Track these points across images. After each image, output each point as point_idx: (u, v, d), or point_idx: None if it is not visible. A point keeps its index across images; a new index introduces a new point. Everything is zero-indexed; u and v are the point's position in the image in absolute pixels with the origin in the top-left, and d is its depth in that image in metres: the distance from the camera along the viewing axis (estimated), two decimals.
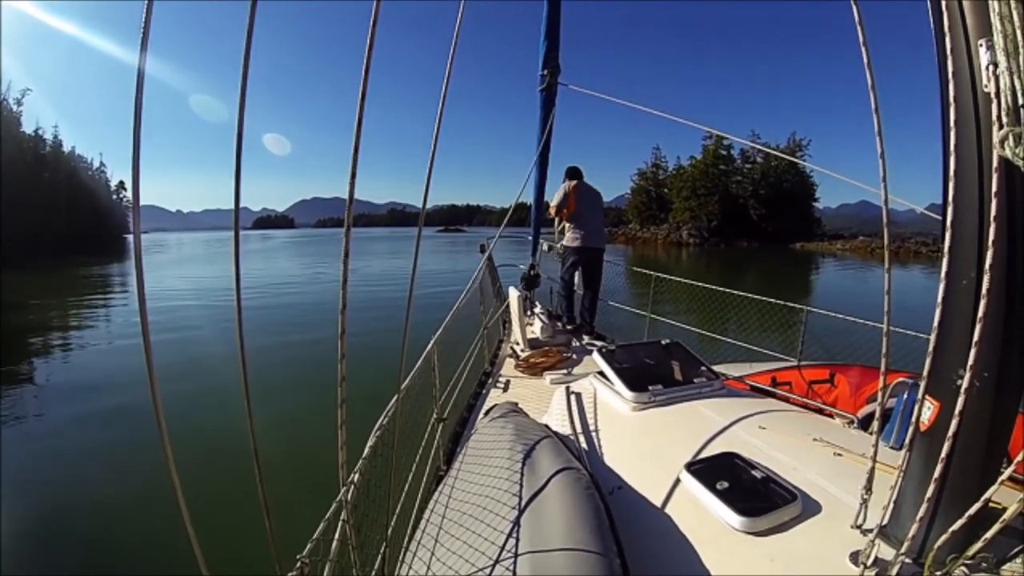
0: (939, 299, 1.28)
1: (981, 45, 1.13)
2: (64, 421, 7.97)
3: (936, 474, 1.21)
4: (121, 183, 77.29)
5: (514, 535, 1.46)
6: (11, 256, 38.85)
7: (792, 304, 5.43)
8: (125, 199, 76.26)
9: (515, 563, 1.35)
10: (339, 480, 1.50)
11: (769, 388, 4.16)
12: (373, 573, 1.99)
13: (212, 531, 4.13)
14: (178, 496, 0.98)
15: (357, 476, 1.78)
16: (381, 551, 1.97)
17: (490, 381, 4.38)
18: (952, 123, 1.20)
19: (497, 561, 1.38)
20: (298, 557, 1.39)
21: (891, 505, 1.39)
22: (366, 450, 1.95)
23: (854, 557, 1.39)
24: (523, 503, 1.60)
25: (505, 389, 4.14)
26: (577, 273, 6.03)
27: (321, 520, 1.56)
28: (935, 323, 1.29)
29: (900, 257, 42.58)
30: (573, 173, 6.07)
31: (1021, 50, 1.02)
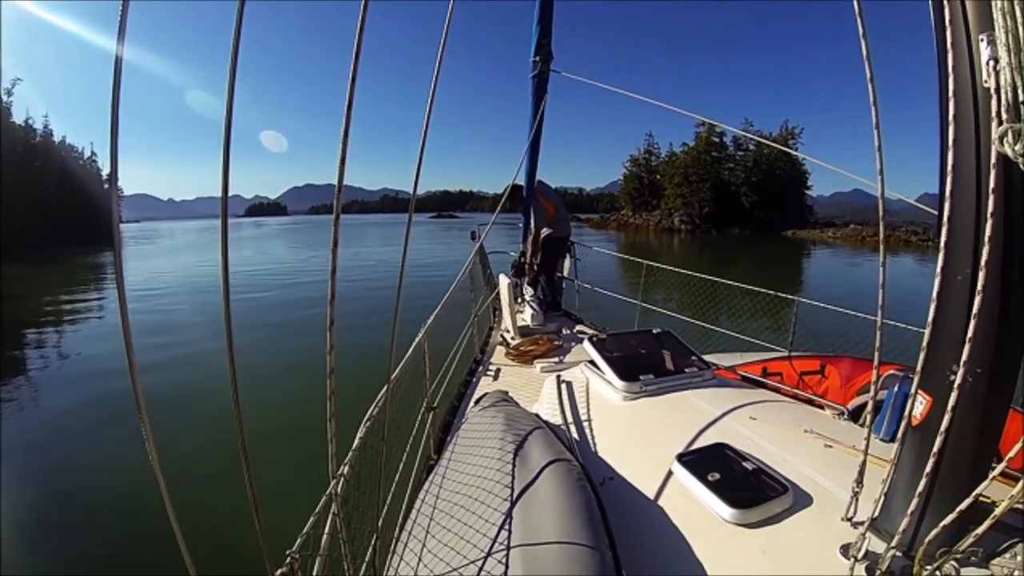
0: (934, 294, 1.27)
1: (982, 40, 1.11)
2: (53, 413, 7.96)
3: (927, 469, 1.22)
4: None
5: (506, 527, 1.45)
6: (4, 246, 38.50)
7: (783, 295, 5.44)
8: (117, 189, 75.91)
9: (507, 555, 1.35)
10: (328, 473, 1.49)
11: (760, 378, 4.17)
12: (364, 566, 1.99)
13: (199, 528, 4.12)
14: (163, 492, 0.96)
15: (347, 468, 1.77)
16: (372, 543, 1.96)
17: (480, 369, 4.37)
18: (951, 118, 1.19)
19: (489, 553, 1.38)
20: (288, 553, 1.38)
21: (882, 499, 1.40)
22: (356, 442, 1.93)
23: (845, 550, 1.40)
24: (514, 494, 1.59)
25: (495, 377, 4.13)
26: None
27: (311, 514, 1.54)
28: (929, 318, 1.29)
29: (891, 246, 42.58)
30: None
31: (1023, 45, 1.01)
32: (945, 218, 1.24)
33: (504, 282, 5.15)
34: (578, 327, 5.50)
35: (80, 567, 4.44)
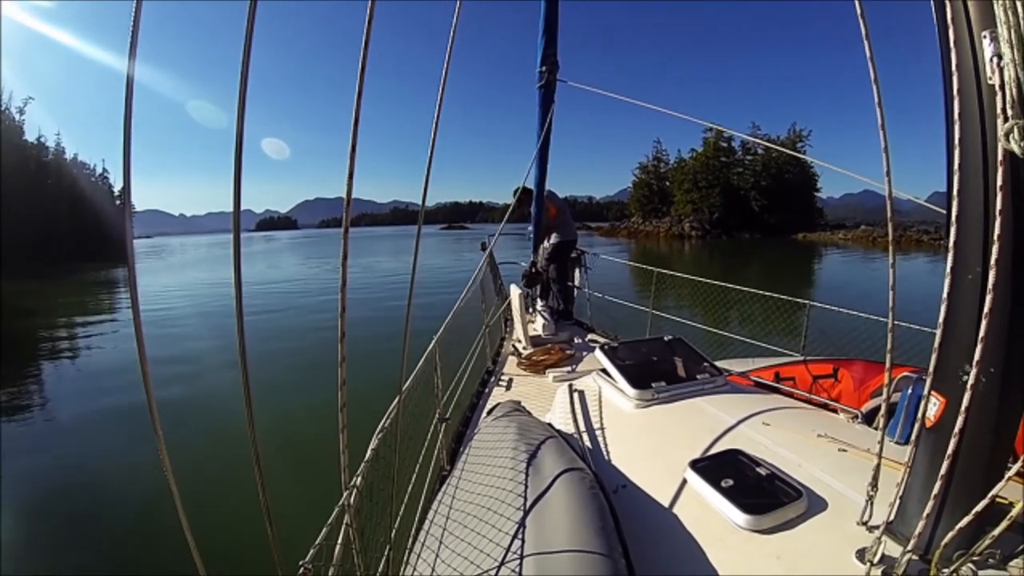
0: (944, 294, 1.26)
1: (985, 37, 1.11)
2: (69, 426, 8.02)
3: (943, 470, 1.20)
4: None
5: (519, 536, 1.45)
6: (17, 263, 39.05)
7: (795, 299, 5.40)
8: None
9: (520, 564, 1.35)
10: (341, 484, 1.49)
11: (773, 384, 4.13)
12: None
13: (213, 538, 4.14)
14: (177, 503, 0.97)
15: (359, 480, 1.77)
16: (385, 554, 1.96)
17: (492, 379, 4.36)
18: (956, 116, 1.19)
19: (502, 563, 1.37)
20: (301, 563, 1.39)
21: (897, 502, 1.38)
22: (368, 453, 1.94)
23: (860, 554, 1.38)
24: (528, 503, 1.59)
25: (508, 387, 4.13)
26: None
27: (323, 525, 1.55)
28: (940, 318, 1.28)
29: (902, 246, 42.29)
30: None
31: None
32: (953, 217, 1.23)
33: (515, 292, 5.15)
34: (590, 336, 5.48)
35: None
